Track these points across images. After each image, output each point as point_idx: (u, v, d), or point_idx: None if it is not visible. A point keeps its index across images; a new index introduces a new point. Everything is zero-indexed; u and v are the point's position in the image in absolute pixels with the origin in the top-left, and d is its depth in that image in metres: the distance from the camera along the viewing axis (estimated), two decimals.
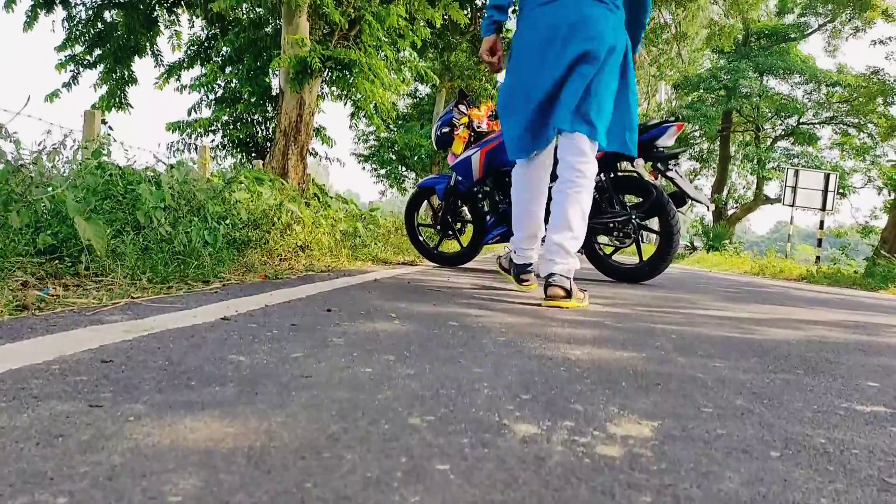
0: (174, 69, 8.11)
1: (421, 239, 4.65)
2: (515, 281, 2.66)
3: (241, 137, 7.94)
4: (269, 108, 7.92)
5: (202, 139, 8.01)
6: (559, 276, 2.22)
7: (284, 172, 6.21)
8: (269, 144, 7.64)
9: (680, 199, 3.76)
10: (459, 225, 4.51)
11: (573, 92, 2.25)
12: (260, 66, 7.64)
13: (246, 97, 7.80)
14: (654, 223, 3.89)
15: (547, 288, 2.23)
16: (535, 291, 2.63)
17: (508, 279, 2.98)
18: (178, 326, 1.32)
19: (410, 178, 20.59)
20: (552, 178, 2.54)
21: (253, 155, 8.03)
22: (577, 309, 2.18)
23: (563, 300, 2.20)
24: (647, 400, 0.96)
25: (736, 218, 25.91)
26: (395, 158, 19.64)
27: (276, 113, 7.10)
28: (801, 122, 23.91)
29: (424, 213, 4.87)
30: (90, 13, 7.42)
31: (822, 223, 11.91)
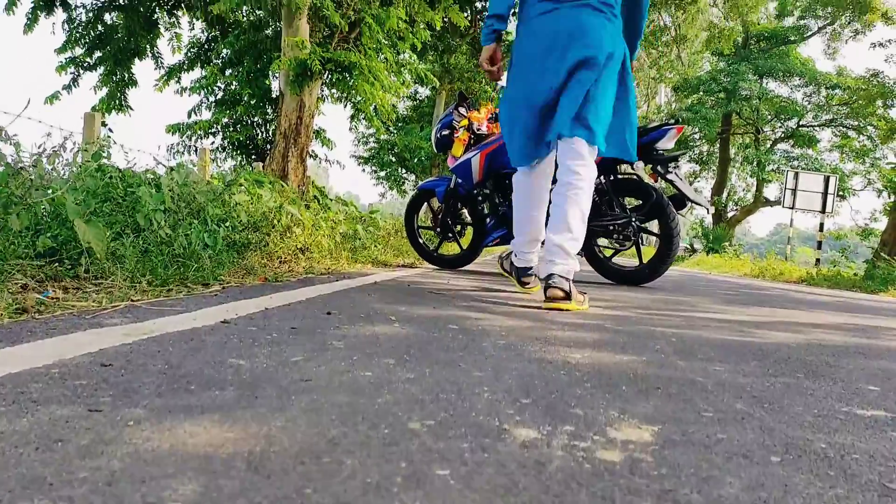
0: (174, 71, 8.12)
1: (421, 241, 4.65)
2: (518, 283, 2.72)
3: (241, 140, 7.95)
4: (269, 110, 7.93)
5: (202, 141, 8.02)
6: (558, 277, 2.23)
7: (284, 175, 6.21)
8: (269, 147, 7.65)
9: (680, 201, 3.76)
10: (459, 227, 4.51)
11: (573, 98, 2.28)
12: (260, 68, 7.65)
13: (246, 99, 7.81)
14: (653, 226, 3.89)
15: (546, 289, 2.24)
16: (536, 293, 2.65)
17: (510, 280, 3.00)
18: (177, 330, 1.32)
19: (410, 180, 20.60)
20: (552, 182, 2.57)
21: (253, 157, 8.03)
22: (577, 312, 2.18)
23: (562, 301, 2.21)
24: (647, 404, 0.96)
25: (736, 220, 25.90)
26: (394, 161, 19.65)
27: (275, 115, 7.10)
28: (800, 124, 23.92)
29: (424, 215, 4.87)
30: (90, 15, 7.43)
31: (821, 225, 11.91)
